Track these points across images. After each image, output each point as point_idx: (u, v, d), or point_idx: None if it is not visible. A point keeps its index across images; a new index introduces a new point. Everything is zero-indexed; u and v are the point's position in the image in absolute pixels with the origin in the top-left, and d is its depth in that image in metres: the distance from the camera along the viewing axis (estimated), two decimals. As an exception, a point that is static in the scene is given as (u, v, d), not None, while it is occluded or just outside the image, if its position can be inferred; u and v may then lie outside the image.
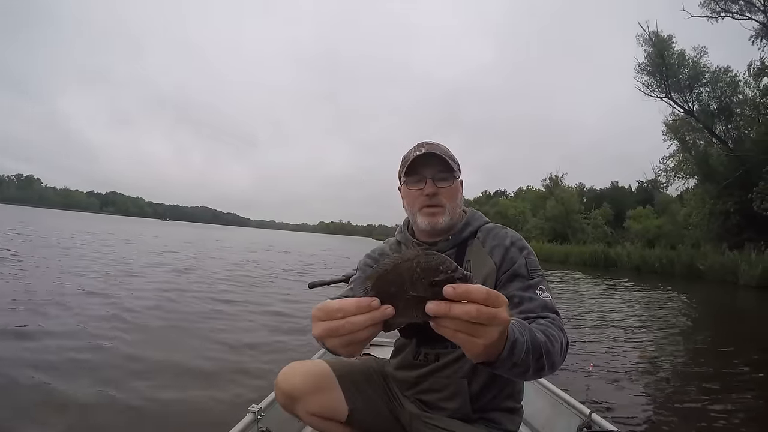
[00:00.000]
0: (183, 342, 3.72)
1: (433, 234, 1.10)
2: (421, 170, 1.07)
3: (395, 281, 0.59)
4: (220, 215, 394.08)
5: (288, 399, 1.09)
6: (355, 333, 0.58)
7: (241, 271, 9.83)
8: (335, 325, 0.59)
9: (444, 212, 1.07)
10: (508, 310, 0.60)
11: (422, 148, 1.07)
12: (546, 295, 0.98)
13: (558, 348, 0.84)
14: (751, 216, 16.48)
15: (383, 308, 0.58)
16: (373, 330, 0.59)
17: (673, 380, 3.53)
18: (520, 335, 0.71)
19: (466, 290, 0.54)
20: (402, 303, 0.58)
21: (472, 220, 1.14)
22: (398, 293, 0.58)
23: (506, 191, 57.16)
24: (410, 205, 1.11)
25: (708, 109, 19.34)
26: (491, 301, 0.56)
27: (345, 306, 0.59)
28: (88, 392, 2.49)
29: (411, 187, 1.09)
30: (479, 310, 0.54)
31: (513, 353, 0.69)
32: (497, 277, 1.03)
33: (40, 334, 3.47)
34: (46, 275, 6.34)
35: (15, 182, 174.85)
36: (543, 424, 1.70)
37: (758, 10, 17.75)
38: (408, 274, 0.58)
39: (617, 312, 6.94)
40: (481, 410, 1.06)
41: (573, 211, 33.96)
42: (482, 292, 0.55)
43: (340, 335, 0.59)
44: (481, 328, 0.56)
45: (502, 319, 0.58)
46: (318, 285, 1.97)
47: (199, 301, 5.56)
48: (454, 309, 0.54)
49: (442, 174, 1.07)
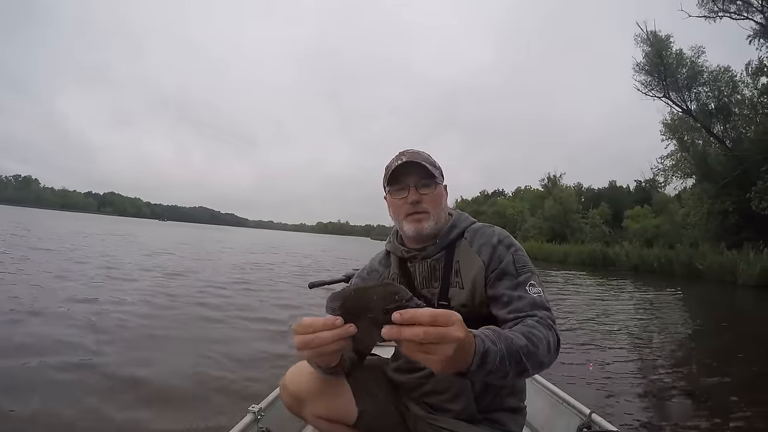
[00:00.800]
0: (179, 346, 3.71)
1: (420, 240, 1.11)
2: (404, 179, 1.08)
3: (357, 305, 0.68)
4: (219, 215, 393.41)
5: (295, 401, 1.07)
6: (324, 346, 0.68)
7: (238, 273, 9.82)
8: (307, 339, 0.69)
9: (429, 218, 1.08)
10: (461, 327, 0.66)
11: (403, 157, 1.08)
12: (536, 290, 0.98)
13: (543, 348, 0.85)
14: (750, 215, 16.54)
15: (346, 326, 0.67)
16: (340, 344, 0.69)
17: (673, 380, 3.53)
18: (492, 344, 0.75)
19: (412, 316, 0.62)
20: (362, 324, 0.67)
21: (458, 222, 1.14)
22: (359, 315, 0.68)
23: (504, 191, 57.25)
24: (395, 213, 1.12)
25: (706, 109, 19.42)
26: (441, 321, 0.63)
27: (314, 323, 0.69)
28: (83, 392, 2.48)
29: (395, 196, 1.11)
30: (426, 331, 0.62)
31: (485, 363, 0.73)
32: (486, 276, 1.03)
33: (14, 351, 3.09)
34: (30, 279, 6.00)
35: (13, 183, 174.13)
36: (543, 424, 1.70)
37: (756, 10, 17.82)
38: (368, 299, 0.67)
39: (617, 312, 6.95)
40: (486, 410, 1.06)
41: (571, 210, 34.05)
42: (427, 315, 0.62)
43: (311, 348, 0.69)
44: (432, 347, 0.63)
45: (453, 337, 0.64)
46: (318, 285, 1.96)
47: (192, 306, 5.53)
48: (403, 332, 0.62)
49: (424, 181, 1.08)
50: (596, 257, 22.74)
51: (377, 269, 1.22)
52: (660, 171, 22.06)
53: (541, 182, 38.96)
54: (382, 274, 1.20)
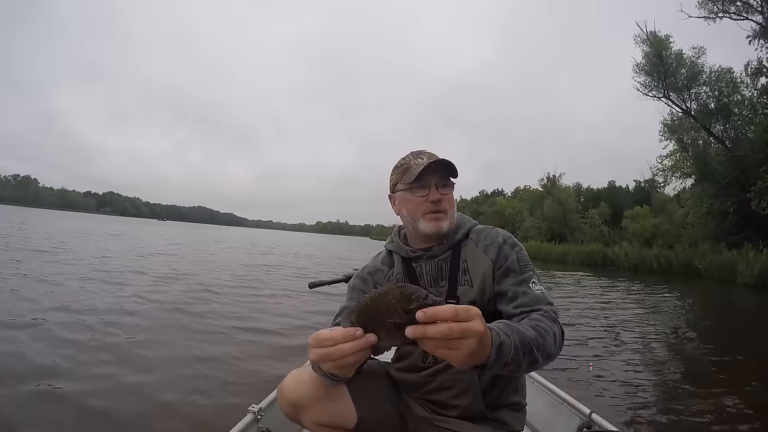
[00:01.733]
0: (179, 343, 3.71)
1: (432, 239, 1.13)
2: (426, 177, 1.10)
3: (375, 312, 0.69)
4: (218, 215, 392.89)
5: (294, 408, 1.05)
6: (345, 358, 0.70)
7: (238, 272, 9.82)
8: (327, 352, 0.71)
9: (447, 218, 1.11)
10: (481, 320, 0.68)
11: (423, 156, 1.12)
12: (538, 287, 1.03)
13: (551, 340, 0.89)
14: (749, 215, 16.55)
15: (367, 336, 0.69)
16: (361, 355, 0.71)
17: (673, 380, 3.54)
18: (506, 336, 0.78)
19: (435, 313, 0.63)
20: (383, 330, 0.69)
21: (462, 223, 1.18)
22: (379, 322, 0.69)
23: (503, 191, 57.32)
24: (412, 211, 1.13)
25: (706, 109, 19.42)
26: (462, 317, 0.65)
27: (334, 336, 0.70)
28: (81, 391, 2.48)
29: (416, 193, 1.12)
30: (450, 327, 0.63)
31: (501, 354, 0.75)
32: (493, 273, 1.08)
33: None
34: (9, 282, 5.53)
35: (12, 182, 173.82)
36: (543, 424, 1.70)
37: (756, 11, 17.84)
38: (386, 305, 0.68)
39: (616, 312, 6.95)
40: (491, 406, 1.08)
41: (570, 210, 34.06)
42: (450, 310, 0.64)
43: (331, 360, 0.71)
44: (457, 341, 0.65)
45: (476, 330, 0.66)
46: (318, 285, 1.96)
47: (192, 305, 5.53)
48: (428, 330, 0.63)
49: (445, 181, 1.12)
50: (596, 257, 22.78)
51: (381, 269, 1.22)
52: (659, 171, 22.15)
53: (540, 182, 38.99)
54: (386, 274, 1.20)
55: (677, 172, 21.22)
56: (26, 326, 3.69)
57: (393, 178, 1.17)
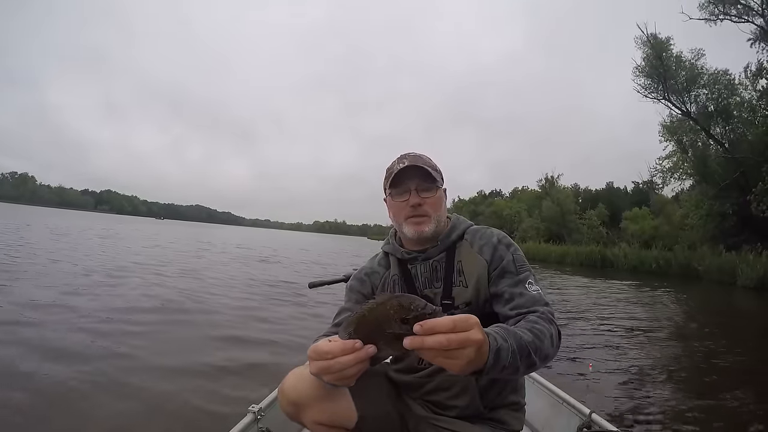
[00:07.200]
0: (180, 344, 3.70)
1: (421, 242, 1.14)
2: (405, 182, 1.11)
3: (374, 323, 0.69)
4: (215, 214, 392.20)
5: (294, 407, 1.03)
6: (345, 371, 0.70)
7: (238, 271, 9.81)
8: (327, 365, 0.71)
9: (429, 221, 1.11)
10: (479, 329, 0.69)
11: (405, 161, 1.11)
12: (535, 288, 1.03)
13: (547, 342, 0.89)
14: (749, 217, 16.58)
15: (365, 348, 0.69)
16: (361, 366, 0.71)
17: (673, 380, 3.54)
18: (504, 341, 0.78)
19: (432, 326, 0.63)
20: (382, 341, 0.69)
21: (457, 224, 1.18)
22: (377, 333, 0.69)
23: (501, 191, 57.28)
24: (396, 215, 1.15)
25: (706, 111, 19.43)
26: (460, 327, 0.65)
27: (333, 349, 0.70)
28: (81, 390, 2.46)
29: (396, 198, 1.13)
30: (449, 338, 0.63)
31: (499, 359, 0.75)
32: (488, 274, 1.07)
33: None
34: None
35: (9, 180, 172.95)
36: (543, 424, 1.71)
37: (756, 14, 17.86)
38: (384, 315, 0.68)
39: (615, 312, 6.96)
40: (489, 406, 1.08)
41: (568, 211, 34.04)
42: (448, 323, 0.64)
43: (331, 373, 0.71)
44: (455, 351, 0.65)
45: (474, 340, 0.66)
46: (318, 285, 1.96)
47: (190, 305, 5.52)
48: (426, 342, 0.63)
49: (425, 185, 1.11)
50: (595, 258, 22.76)
51: (377, 270, 1.23)
52: (658, 172, 22.15)
53: (538, 183, 38.99)
54: (383, 275, 1.21)
55: (676, 173, 21.27)
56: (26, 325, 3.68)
57: (383, 183, 1.18)
